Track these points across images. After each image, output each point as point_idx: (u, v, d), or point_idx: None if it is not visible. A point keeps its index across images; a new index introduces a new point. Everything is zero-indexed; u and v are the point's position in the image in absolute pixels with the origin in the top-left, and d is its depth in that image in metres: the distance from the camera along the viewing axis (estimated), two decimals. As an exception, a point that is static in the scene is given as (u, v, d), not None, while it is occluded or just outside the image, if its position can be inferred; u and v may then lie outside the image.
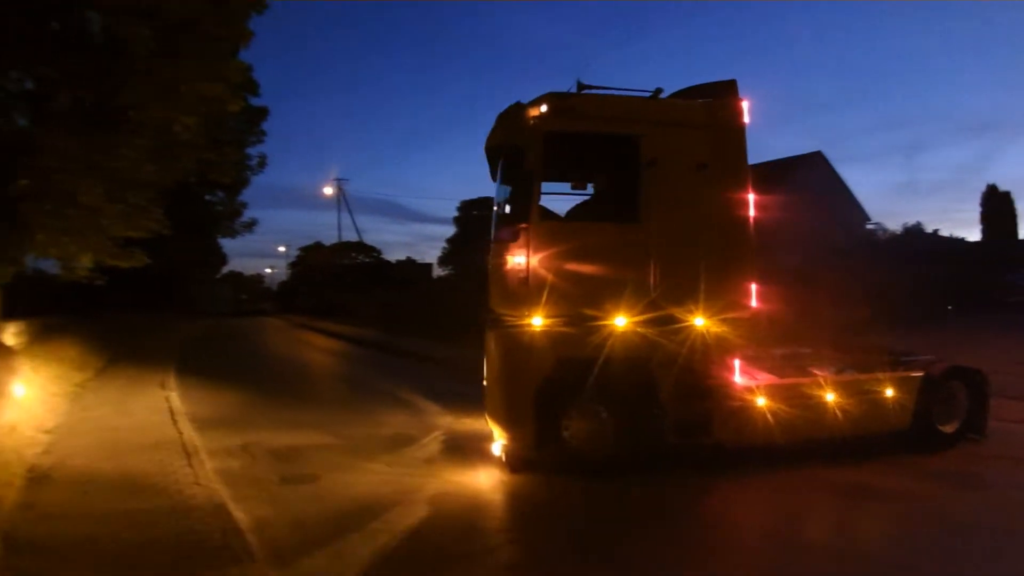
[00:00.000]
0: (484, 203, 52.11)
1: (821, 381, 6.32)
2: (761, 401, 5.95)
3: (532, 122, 5.79)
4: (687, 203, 5.90)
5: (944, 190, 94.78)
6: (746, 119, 6.11)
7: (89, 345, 14.49)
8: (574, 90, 5.92)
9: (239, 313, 40.89)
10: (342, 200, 51.76)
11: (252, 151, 28.23)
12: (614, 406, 5.79)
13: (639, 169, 5.84)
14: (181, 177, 11.14)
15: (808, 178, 27.89)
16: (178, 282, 31.93)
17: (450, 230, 58.56)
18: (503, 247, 5.83)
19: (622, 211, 6.01)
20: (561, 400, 5.71)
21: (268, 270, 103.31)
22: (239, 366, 15.53)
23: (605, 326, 5.68)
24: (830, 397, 6.17)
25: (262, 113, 28.35)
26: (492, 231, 6.57)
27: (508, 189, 6.42)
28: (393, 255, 72.37)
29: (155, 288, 28.32)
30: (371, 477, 5.78)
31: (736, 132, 6.10)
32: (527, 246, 5.64)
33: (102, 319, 18.99)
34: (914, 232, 41.80)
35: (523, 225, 5.67)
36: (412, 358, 16.47)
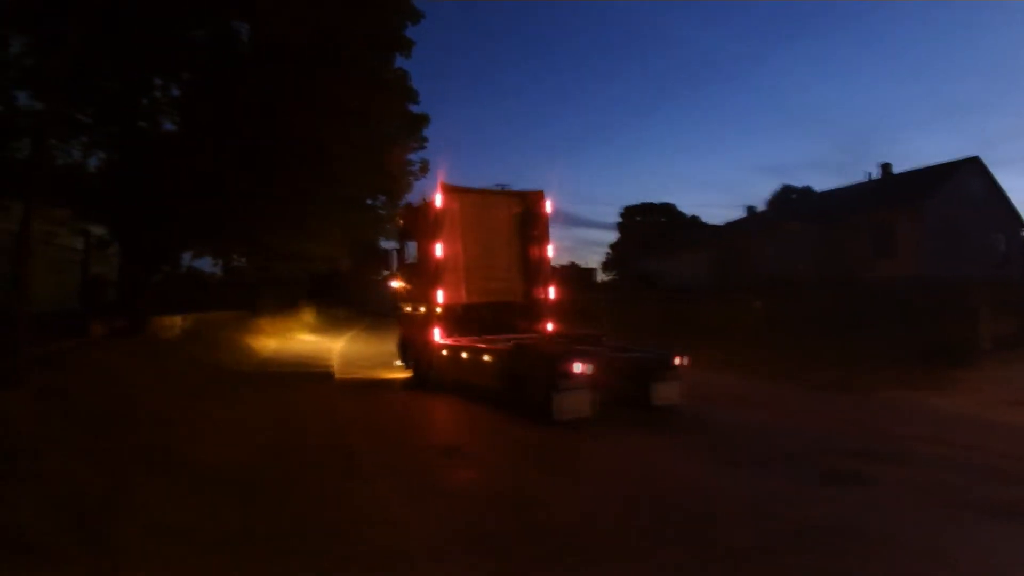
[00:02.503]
0: (646, 209, 49.55)
1: (469, 344, 9.60)
2: (445, 352, 10.10)
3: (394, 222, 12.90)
4: (421, 255, 11.04)
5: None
6: (438, 204, 10.10)
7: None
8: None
9: None
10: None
11: (414, 157, 28.87)
12: (416, 353, 11.27)
13: (408, 239, 11.98)
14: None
15: (965, 184, 26.75)
16: (342, 282, 33.59)
17: (613, 235, 56.53)
18: (391, 279, 12.81)
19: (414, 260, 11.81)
20: (411, 347, 11.73)
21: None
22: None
23: (411, 311, 11.66)
24: (464, 355, 9.51)
25: (423, 120, 28.89)
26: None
27: (394, 253, 12.77)
28: (556, 260, 72.00)
29: (318, 287, 29.99)
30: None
31: (435, 211, 10.14)
32: (395, 279, 12.53)
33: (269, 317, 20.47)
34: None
35: (393, 271, 12.64)
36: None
